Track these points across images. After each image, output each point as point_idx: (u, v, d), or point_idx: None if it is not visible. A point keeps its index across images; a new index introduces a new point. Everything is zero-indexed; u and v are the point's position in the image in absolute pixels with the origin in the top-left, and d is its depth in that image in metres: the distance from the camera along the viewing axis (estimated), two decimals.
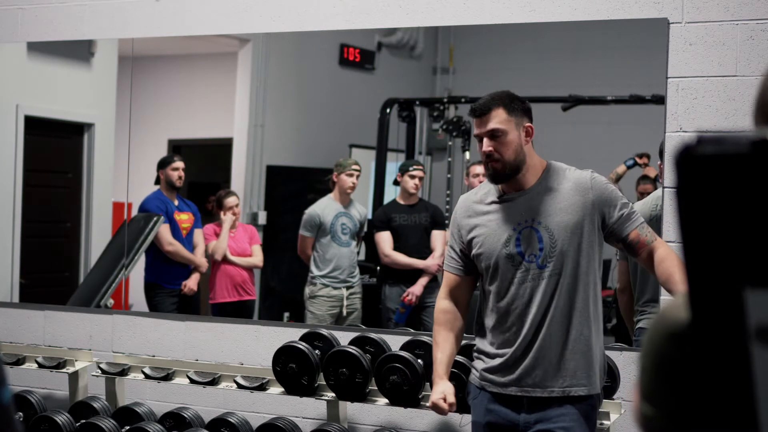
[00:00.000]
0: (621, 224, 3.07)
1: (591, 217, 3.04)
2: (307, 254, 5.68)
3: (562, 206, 3.05)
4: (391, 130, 6.32)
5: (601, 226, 3.06)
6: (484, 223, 3.15)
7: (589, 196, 3.05)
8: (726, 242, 0.87)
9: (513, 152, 3.06)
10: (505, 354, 3.09)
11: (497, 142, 3.07)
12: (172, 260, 5.64)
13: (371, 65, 6.56)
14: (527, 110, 3.14)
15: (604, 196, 3.05)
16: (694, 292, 0.91)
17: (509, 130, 3.07)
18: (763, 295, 0.86)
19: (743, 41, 3.91)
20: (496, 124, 3.07)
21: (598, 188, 3.06)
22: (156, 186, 5.73)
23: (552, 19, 4.28)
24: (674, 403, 1.16)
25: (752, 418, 0.89)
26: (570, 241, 3.02)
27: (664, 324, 1.19)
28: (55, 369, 4.75)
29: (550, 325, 3.03)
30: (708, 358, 0.91)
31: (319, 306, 5.60)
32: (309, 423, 4.54)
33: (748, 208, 0.86)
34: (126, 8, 5.07)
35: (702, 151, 0.87)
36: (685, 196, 0.89)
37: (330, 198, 5.71)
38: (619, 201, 3.08)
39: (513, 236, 3.07)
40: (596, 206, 3.04)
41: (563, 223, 3.03)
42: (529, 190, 3.10)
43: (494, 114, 3.08)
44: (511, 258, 3.07)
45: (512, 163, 3.06)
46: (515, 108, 3.09)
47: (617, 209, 3.06)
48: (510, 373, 3.08)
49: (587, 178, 3.08)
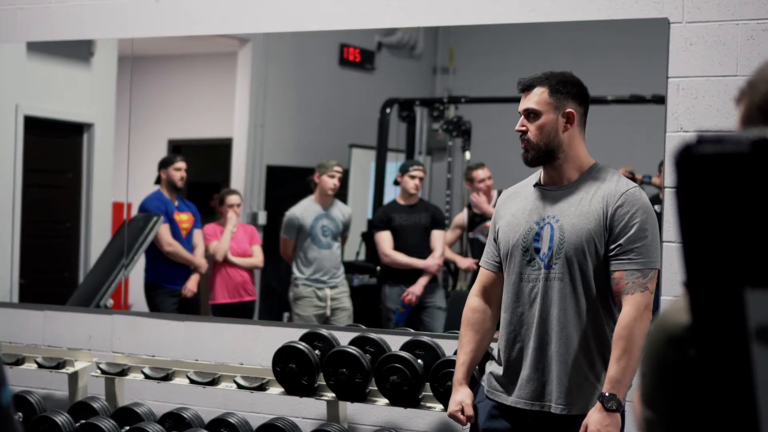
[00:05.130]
0: (615, 255, 2.81)
1: (603, 231, 2.82)
2: (289, 256, 5.69)
3: (583, 210, 2.84)
4: (391, 130, 6.32)
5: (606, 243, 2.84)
6: (514, 210, 2.96)
7: (609, 209, 2.82)
8: (726, 242, 0.87)
9: (544, 136, 2.86)
10: (509, 359, 2.93)
11: (531, 123, 2.87)
12: (172, 260, 5.64)
13: (371, 65, 6.56)
14: (578, 95, 2.90)
15: (620, 215, 2.80)
16: (695, 292, 0.90)
17: (545, 111, 2.86)
18: (763, 295, 0.86)
19: (744, 41, 3.91)
20: (533, 103, 2.87)
21: (622, 205, 2.81)
22: (156, 186, 5.73)
23: (552, 19, 4.27)
24: (675, 407, 1.15)
25: (753, 420, 0.89)
26: (579, 247, 2.82)
27: (663, 329, 1.18)
28: (54, 369, 4.75)
29: (550, 334, 2.85)
30: (708, 359, 0.91)
31: (304, 307, 5.60)
32: (309, 423, 4.54)
33: (748, 208, 0.85)
34: (126, 8, 5.07)
35: (702, 151, 0.87)
36: (685, 196, 0.89)
37: (310, 200, 5.70)
38: (632, 230, 2.79)
39: (534, 229, 2.88)
40: (608, 221, 2.81)
41: (578, 226, 2.83)
42: (567, 185, 2.89)
43: (536, 92, 2.88)
44: (527, 251, 2.88)
45: (541, 148, 2.86)
46: (561, 90, 2.87)
47: (625, 237, 2.80)
48: (512, 382, 2.92)
49: (620, 191, 2.83)
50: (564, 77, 2.90)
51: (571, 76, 2.93)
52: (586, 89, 2.94)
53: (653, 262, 2.81)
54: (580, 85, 2.93)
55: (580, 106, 2.90)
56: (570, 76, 2.92)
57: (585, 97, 2.93)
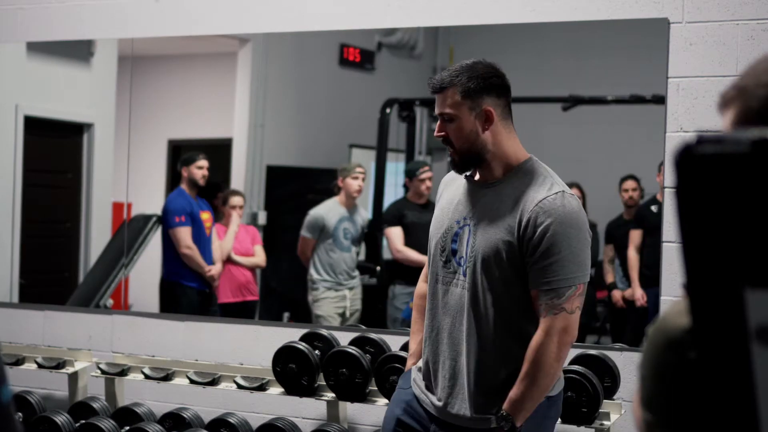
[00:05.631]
0: (530, 271, 2.55)
1: (515, 241, 2.56)
2: (307, 256, 5.68)
3: (498, 216, 2.60)
4: (391, 130, 6.32)
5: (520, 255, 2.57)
6: (447, 200, 2.75)
7: (523, 219, 2.55)
8: (726, 242, 0.87)
9: (464, 140, 2.62)
10: (426, 360, 2.76)
11: (449, 127, 2.63)
12: None
13: (371, 65, 6.56)
14: (493, 87, 2.63)
15: (531, 227, 2.53)
16: (694, 292, 0.90)
17: (460, 114, 2.60)
18: (763, 295, 0.86)
19: (744, 41, 3.91)
20: (447, 107, 2.61)
21: (537, 215, 2.53)
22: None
23: (552, 19, 4.27)
24: (674, 409, 1.15)
25: (753, 421, 0.89)
26: (487, 257, 2.58)
27: (663, 331, 1.18)
28: (54, 369, 4.75)
29: (461, 345, 2.65)
30: (708, 359, 0.91)
31: (325, 307, 5.60)
32: (309, 423, 4.54)
33: (748, 208, 0.85)
34: (126, 8, 5.07)
35: (702, 151, 0.87)
36: (685, 196, 0.89)
37: (335, 201, 5.71)
38: (543, 245, 2.51)
39: (454, 229, 2.68)
40: (521, 232, 2.55)
41: (488, 233, 2.59)
42: (492, 184, 2.65)
43: (447, 94, 2.62)
44: (443, 251, 2.68)
45: (465, 153, 2.63)
46: (473, 88, 2.60)
47: (537, 253, 2.53)
48: (428, 383, 2.76)
49: (537, 198, 2.56)
50: (474, 71, 2.62)
51: (483, 67, 2.65)
52: (503, 77, 2.67)
53: (571, 278, 2.53)
54: (495, 75, 2.65)
55: (498, 98, 2.63)
56: (482, 67, 2.65)
57: (502, 87, 2.65)
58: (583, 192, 5.45)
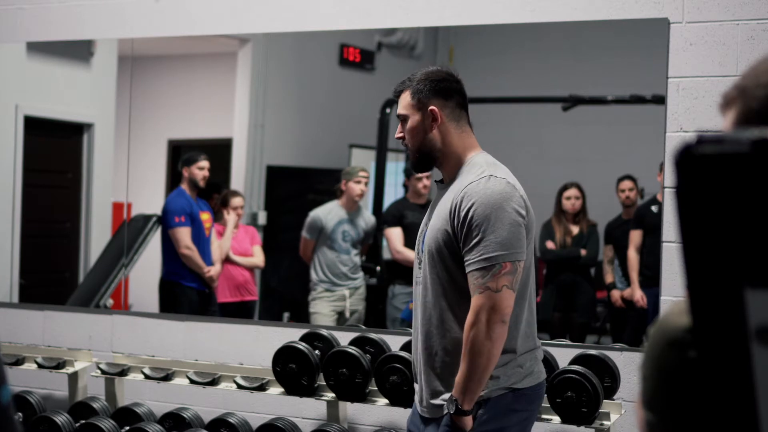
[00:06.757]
0: (463, 256, 2.68)
1: (451, 230, 2.71)
2: (308, 256, 5.69)
3: (441, 209, 2.77)
4: (391, 130, 6.32)
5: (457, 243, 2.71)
6: (432, 203, 2.92)
7: (454, 206, 2.71)
8: (726, 242, 0.87)
9: (415, 140, 2.81)
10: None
11: (404, 129, 2.85)
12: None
13: (371, 65, 6.56)
14: (441, 90, 2.81)
15: (459, 212, 2.68)
16: (695, 292, 0.90)
17: (411, 115, 2.81)
18: (763, 295, 0.85)
19: (744, 41, 3.91)
20: (401, 108, 2.85)
21: (462, 200, 2.68)
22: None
23: (552, 19, 4.27)
24: (675, 409, 1.15)
25: (753, 421, 0.89)
26: (432, 249, 2.74)
27: (663, 331, 1.18)
28: (54, 369, 4.75)
29: (419, 335, 2.80)
30: (708, 358, 0.91)
31: (320, 306, 5.61)
32: (309, 423, 4.54)
33: (748, 208, 0.85)
34: (126, 8, 5.07)
35: (702, 151, 0.87)
36: (685, 196, 0.89)
37: (336, 204, 5.71)
38: (467, 226, 2.65)
39: (423, 230, 2.85)
40: (453, 219, 2.70)
41: (434, 227, 2.76)
42: (447, 183, 2.83)
43: (403, 97, 2.85)
44: (417, 253, 2.86)
45: (416, 151, 2.83)
46: (421, 89, 2.80)
47: (464, 235, 2.67)
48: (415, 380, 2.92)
49: (463, 185, 2.71)
50: (426, 75, 2.81)
51: (435, 72, 2.83)
52: (453, 81, 2.83)
53: (494, 257, 2.62)
54: (444, 78, 2.82)
55: (446, 100, 2.80)
56: (434, 72, 2.83)
57: (449, 90, 2.82)
58: (583, 192, 5.44)
